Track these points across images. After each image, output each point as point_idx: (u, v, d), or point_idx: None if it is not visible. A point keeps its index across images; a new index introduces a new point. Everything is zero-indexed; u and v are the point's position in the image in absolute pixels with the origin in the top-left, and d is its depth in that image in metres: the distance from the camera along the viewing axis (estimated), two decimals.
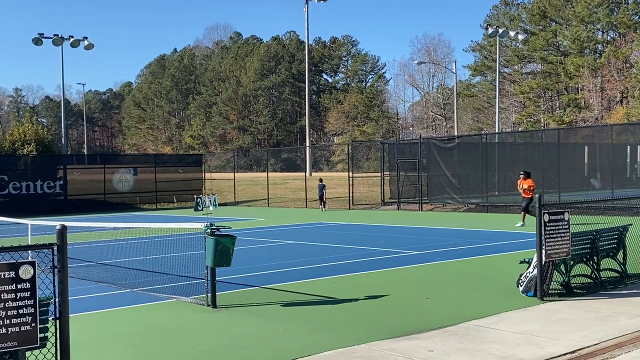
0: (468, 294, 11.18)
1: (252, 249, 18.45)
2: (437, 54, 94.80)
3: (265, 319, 9.72)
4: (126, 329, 9.44)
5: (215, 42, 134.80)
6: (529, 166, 31.53)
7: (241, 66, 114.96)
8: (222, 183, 47.87)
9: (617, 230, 12.02)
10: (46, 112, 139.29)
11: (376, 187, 38.41)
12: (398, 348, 7.79)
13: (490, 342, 7.95)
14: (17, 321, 5.37)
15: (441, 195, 33.18)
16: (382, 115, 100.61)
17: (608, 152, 29.81)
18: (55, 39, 45.12)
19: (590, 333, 8.24)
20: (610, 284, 11.43)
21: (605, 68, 69.58)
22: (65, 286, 5.70)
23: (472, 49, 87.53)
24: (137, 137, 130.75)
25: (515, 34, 53.91)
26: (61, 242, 5.71)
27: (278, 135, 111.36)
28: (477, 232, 21.80)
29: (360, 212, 33.57)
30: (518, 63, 79.78)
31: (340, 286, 12.20)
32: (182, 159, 54.98)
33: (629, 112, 61.72)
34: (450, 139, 37.49)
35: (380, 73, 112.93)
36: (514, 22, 78.59)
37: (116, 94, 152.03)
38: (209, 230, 10.46)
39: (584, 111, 70.93)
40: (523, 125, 76.56)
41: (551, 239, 10.38)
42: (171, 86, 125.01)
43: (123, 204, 42.21)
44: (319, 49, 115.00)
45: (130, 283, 12.83)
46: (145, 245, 19.38)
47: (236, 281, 12.74)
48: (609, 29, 74.24)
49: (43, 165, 40.38)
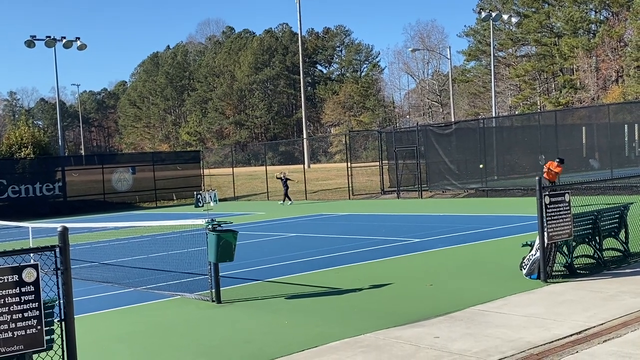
0: (472, 279, 11.18)
1: (254, 243, 18.45)
2: (431, 40, 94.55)
3: (270, 312, 9.72)
4: (132, 328, 9.45)
5: (207, 37, 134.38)
6: (526, 149, 31.59)
7: (235, 61, 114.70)
8: (220, 178, 47.87)
9: (618, 210, 12.02)
10: (42, 114, 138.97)
11: (375, 176, 38.40)
12: (404, 336, 7.80)
13: (496, 326, 7.95)
14: (23, 324, 5.36)
15: (440, 182, 33.18)
16: (378, 104, 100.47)
17: (605, 131, 29.79)
18: (48, 40, 44.93)
19: (595, 313, 8.25)
20: (613, 264, 11.43)
21: (599, 48, 69.47)
22: (69, 287, 5.69)
23: (466, 34, 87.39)
24: (133, 136, 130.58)
25: (508, 17, 53.74)
26: (63, 243, 5.69)
27: (275, 128, 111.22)
28: (478, 217, 21.82)
29: (360, 202, 33.57)
30: (512, 46, 79.63)
31: (344, 276, 12.20)
32: (180, 156, 54.93)
33: (625, 91, 61.69)
34: (448, 125, 37.45)
35: (374, 62, 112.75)
36: (507, 5, 78.32)
37: (111, 93, 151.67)
38: (211, 226, 10.44)
39: (579, 92, 70.86)
40: (520, 108, 76.51)
41: (553, 220, 10.38)
42: (166, 83, 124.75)
43: (123, 204, 42.20)
44: (312, 40, 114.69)
45: (134, 282, 12.83)
46: (147, 243, 19.40)
47: (239, 276, 12.74)
48: (601, 9, 74.06)
49: (41, 167, 40.37)
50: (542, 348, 7.02)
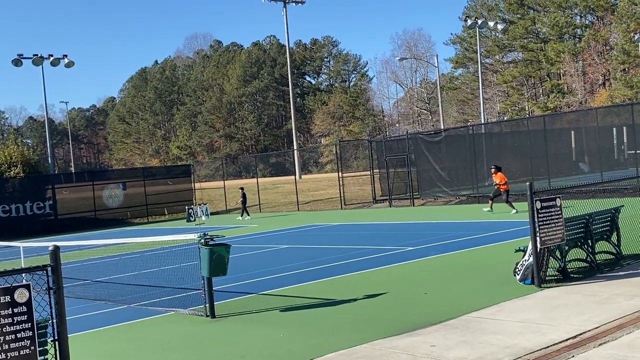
0: (466, 286, 11.18)
1: (247, 256, 18.40)
2: (418, 49, 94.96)
3: (265, 325, 9.68)
4: (126, 346, 9.38)
5: (195, 51, 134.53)
6: (517, 154, 31.68)
7: (223, 74, 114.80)
8: (212, 192, 47.74)
9: (610, 213, 12.06)
10: (31, 132, 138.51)
11: (367, 185, 38.41)
12: (400, 345, 7.78)
13: (491, 333, 7.94)
14: (16, 345, 5.31)
15: (432, 189, 33.23)
16: (368, 114, 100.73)
17: (594, 135, 29.93)
18: (35, 58, 44.86)
19: (590, 317, 8.25)
20: (606, 267, 11.45)
21: (585, 52, 69.95)
22: (62, 307, 5.65)
23: (453, 41, 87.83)
24: (123, 152, 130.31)
25: (494, 24, 54.07)
26: (55, 263, 5.65)
27: (265, 140, 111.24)
28: (470, 224, 21.84)
29: (352, 212, 33.57)
30: (499, 53, 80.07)
31: (338, 287, 12.17)
32: (171, 170, 54.73)
33: (612, 94, 62.08)
34: (437, 132, 37.54)
35: (362, 72, 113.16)
36: (492, 12, 78.87)
37: (100, 110, 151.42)
38: (203, 240, 10.41)
39: (567, 96, 71.26)
40: (508, 114, 76.84)
41: (545, 225, 10.40)
42: (154, 98, 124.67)
43: (114, 220, 42.00)
44: (300, 51, 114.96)
45: (127, 299, 12.76)
46: (139, 259, 19.31)
47: (233, 289, 12.69)
48: (586, 13, 74.63)
49: (31, 186, 40.18)
50: (538, 353, 7.02)
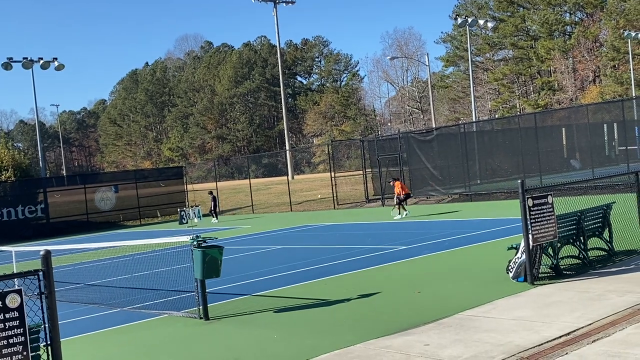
0: (459, 284, 11.19)
1: (240, 258, 18.37)
2: (408, 48, 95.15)
3: (259, 326, 9.66)
4: (120, 349, 9.35)
5: (186, 52, 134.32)
6: (508, 152, 31.76)
7: (214, 75, 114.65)
8: (204, 193, 47.59)
9: (602, 209, 12.09)
10: (21, 136, 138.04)
11: (359, 185, 38.42)
12: (394, 345, 7.78)
13: (485, 331, 7.95)
14: (8, 351, 5.28)
15: (424, 188, 33.25)
16: (359, 113, 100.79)
17: (585, 132, 30.04)
18: (25, 62, 44.65)
19: (583, 314, 8.28)
20: (598, 263, 11.49)
21: (575, 49, 70.22)
22: (54, 312, 5.62)
23: (443, 40, 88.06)
24: (115, 154, 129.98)
25: (484, 22, 54.26)
26: (46, 267, 5.63)
27: (257, 141, 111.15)
28: (463, 222, 21.87)
29: (345, 212, 33.56)
30: (489, 51, 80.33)
31: (332, 287, 12.17)
32: (163, 172, 54.54)
33: (603, 91, 62.36)
34: (429, 131, 37.58)
35: (353, 71, 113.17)
36: (483, 10, 79.10)
37: (91, 112, 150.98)
38: (196, 243, 10.38)
39: (558, 93, 71.53)
40: (499, 112, 77.04)
41: (537, 223, 10.42)
42: (146, 100, 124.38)
43: (106, 223, 41.84)
44: (291, 51, 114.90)
45: (120, 302, 12.71)
46: (132, 262, 19.24)
47: (227, 291, 12.66)
48: (576, 10, 74.93)
49: (23, 190, 39.99)
50: (532, 351, 7.03)
